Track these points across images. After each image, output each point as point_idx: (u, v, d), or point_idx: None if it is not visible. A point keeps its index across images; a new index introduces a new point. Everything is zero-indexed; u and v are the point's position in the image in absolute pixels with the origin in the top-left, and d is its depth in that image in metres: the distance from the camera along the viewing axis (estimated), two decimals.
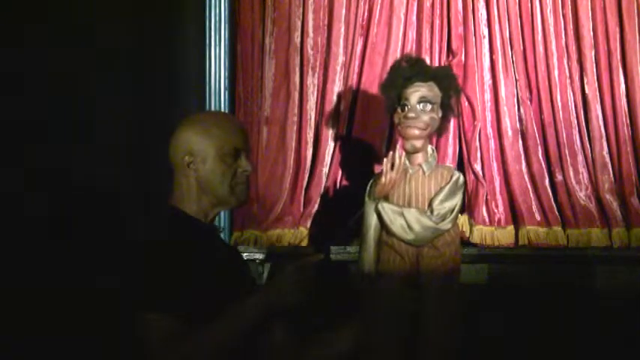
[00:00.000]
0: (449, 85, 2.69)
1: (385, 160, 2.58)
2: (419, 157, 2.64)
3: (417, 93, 2.61)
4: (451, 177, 2.61)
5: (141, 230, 1.57)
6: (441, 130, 2.77)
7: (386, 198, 2.60)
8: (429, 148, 2.68)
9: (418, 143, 2.62)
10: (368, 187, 2.68)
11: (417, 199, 2.59)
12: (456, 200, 2.58)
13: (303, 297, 1.50)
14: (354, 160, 3.63)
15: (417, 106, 2.60)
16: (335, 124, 3.66)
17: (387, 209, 2.56)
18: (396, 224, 2.54)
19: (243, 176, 1.62)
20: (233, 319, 1.47)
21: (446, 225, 2.54)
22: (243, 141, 1.63)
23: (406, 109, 2.61)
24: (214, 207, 1.62)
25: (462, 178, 2.64)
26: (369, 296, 2.59)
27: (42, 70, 2.12)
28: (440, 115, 2.66)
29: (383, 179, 2.56)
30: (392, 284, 2.56)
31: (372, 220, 2.61)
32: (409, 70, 2.67)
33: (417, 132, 2.60)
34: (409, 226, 2.53)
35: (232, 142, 1.59)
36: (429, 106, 2.61)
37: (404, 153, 2.62)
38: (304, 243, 3.52)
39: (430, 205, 2.56)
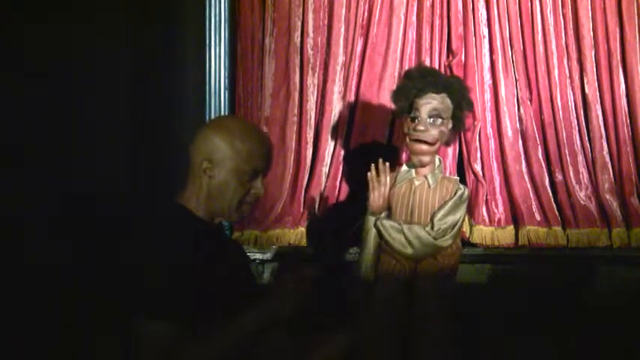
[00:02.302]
0: (461, 98, 2.67)
1: (369, 174, 2.57)
2: (426, 169, 2.63)
3: (429, 105, 2.58)
4: (456, 191, 2.60)
5: (143, 232, 1.56)
6: (448, 142, 2.77)
7: (389, 209, 2.60)
8: (437, 159, 2.67)
9: (426, 159, 2.61)
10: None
11: (419, 211, 2.58)
12: (459, 215, 2.56)
13: (301, 309, 1.50)
14: (354, 160, 3.62)
15: (428, 119, 2.57)
16: (335, 123, 3.66)
17: (386, 226, 2.55)
18: (396, 241, 2.53)
19: (253, 197, 1.61)
20: (232, 332, 1.46)
21: (446, 241, 2.53)
22: (265, 163, 1.62)
23: (416, 121, 2.59)
24: (216, 216, 1.61)
25: (466, 192, 2.62)
26: (365, 300, 2.59)
27: (42, 69, 2.12)
28: (450, 127, 2.65)
29: (372, 195, 2.55)
30: (388, 289, 2.56)
31: (372, 227, 2.61)
32: (422, 80, 2.63)
33: (424, 147, 2.58)
34: (409, 243, 2.52)
35: (254, 163, 1.58)
36: (439, 121, 2.58)
37: (388, 165, 2.60)
38: (304, 243, 3.52)
39: (432, 219, 2.56)
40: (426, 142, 2.58)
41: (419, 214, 2.58)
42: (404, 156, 3.58)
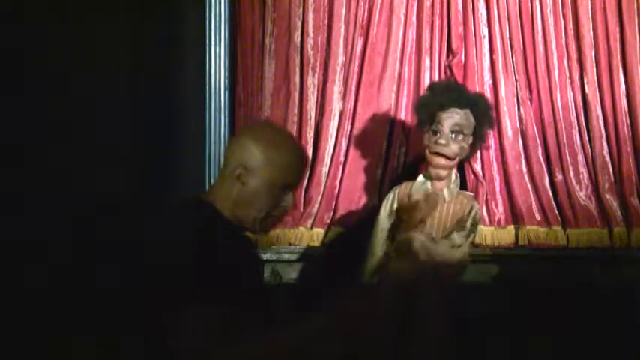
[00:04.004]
0: (484, 115, 2.67)
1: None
2: (442, 183, 2.64)
3: (451, 120, 2.60)
4: (471, 208, 2.62)
5: (173, 227, 1.54)
6: (467, 157, 2.77)
7: (400, 221, 2.62)
8: (453, 174, 2.68)
9: (444, 173, 2.62)
10: (385, 203, 2.69)
11: (432, 224, 2.60)
12: (473, 234, 2.62)
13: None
14: (354, 160, 3.62)
15: (450, 134, 2.59)
16: (335, 123, 3.66)
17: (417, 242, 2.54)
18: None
19: (282, 210, 1.61)
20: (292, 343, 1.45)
21: (459, 253, 2.57)
22: (298, 179, 1.62)
23: (438, 134, 2.60)
24: (240, 222, 1.61)
25: (478, 211, 2.66)
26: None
27: (42, 69, 2.12)
28: (469, 142, 2.66)
29: (418, 215, 2.53)
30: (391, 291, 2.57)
31: (384, 234, 2.62)
32: (447, 94, 2.64)
33: (443, 162, 2.60)
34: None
35: (288, 177, 1.57)
36: (460, 136, 2.60)
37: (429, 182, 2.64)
38: (304, 243, 3.52)
39: (447, 235, 2.58)
40: (445, 157, 2.59)
41: (431, 227, 2.59)
42: (404, 158, 3.58)
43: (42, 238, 2.06)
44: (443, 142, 2.57)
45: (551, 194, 3.55)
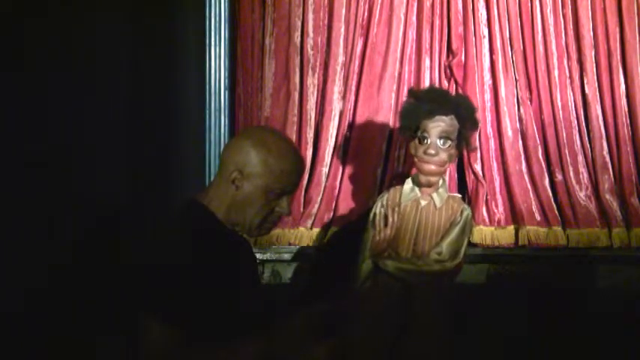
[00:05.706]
0: (467, 118, 2.67)
1: (377, 218, 2.60)
2: (431, 188, 2.64)
3: (438, 128, 2.59)
4: (461, 212, 2.62)
5: (167, 231, 1.53)
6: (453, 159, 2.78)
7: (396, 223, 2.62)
8: (441, 179, 2.68)
9: (434, 179, 2.62)
10: (373, 210, 2.69)
11: (425, 232, 2.60)
12: (465, 237, 2.61)
13: (310, 349, 1.47)
14: (354, 160, 3.63)
15: (438, 142, 2.58)
16: (335, 124, 3.66)
17: (390, 267, 2.55)
18: (401, 278, 2.55)
19: (277, 216, 1.60)
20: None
21: (454, 262, 2.56)
22: (296, 185, 1.60)
23: (425, 142, 2.59)
24: (235, 225, 1.59)
25: (470, 214, 2.66)
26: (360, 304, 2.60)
27: (41, 69, 2.12)
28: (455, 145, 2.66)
29: (377, 237, 2.56)
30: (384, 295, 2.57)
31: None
32: (432, 102, 2.63)
33: (433, 168, 2.60)
34: (414, 279, 2.55)
35: (284, 184, 1.56)
36: (448, 143, 2.59)
37: (397, 210, 2.62)
38: (304, 243, 3.52)
39: (439, 243, 2.58)
40: (435, 164, 2.59)
41: (424, 235, 2.60)
42: (404, 159, 3.58)
43: (41, 238, 2.06)
44: (432, 152, 2.57)
45: (551, 194, 3.56)
